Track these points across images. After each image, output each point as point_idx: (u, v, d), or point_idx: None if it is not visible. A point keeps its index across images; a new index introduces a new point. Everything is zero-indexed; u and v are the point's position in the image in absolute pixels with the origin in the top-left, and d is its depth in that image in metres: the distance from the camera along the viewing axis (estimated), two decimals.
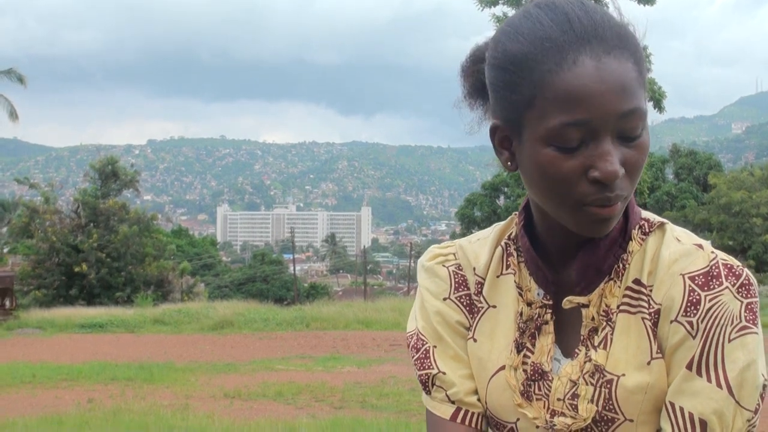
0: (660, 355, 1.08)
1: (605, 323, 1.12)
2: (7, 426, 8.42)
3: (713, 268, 1.06)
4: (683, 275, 1.07)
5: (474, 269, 1.23)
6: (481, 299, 1.22)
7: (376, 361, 14.70)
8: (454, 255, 1.26)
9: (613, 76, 1.00)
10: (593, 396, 1.10)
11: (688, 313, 1.06)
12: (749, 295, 1.05)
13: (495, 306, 1.20)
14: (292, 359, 15.51)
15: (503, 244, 1.22)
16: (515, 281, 1.19)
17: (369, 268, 76.63)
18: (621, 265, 1.12)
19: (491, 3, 26.95)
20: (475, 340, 1.21)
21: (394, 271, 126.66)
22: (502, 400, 1.17)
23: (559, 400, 1.13)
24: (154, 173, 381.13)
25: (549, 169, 1.03)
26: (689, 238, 1.12)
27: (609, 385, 1.09)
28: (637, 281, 1.11)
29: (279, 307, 26.95)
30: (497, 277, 1.21)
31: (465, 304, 1.23)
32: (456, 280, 1.24)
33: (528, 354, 1.16)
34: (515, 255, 1.20)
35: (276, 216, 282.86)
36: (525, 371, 1.15)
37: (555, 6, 1.04)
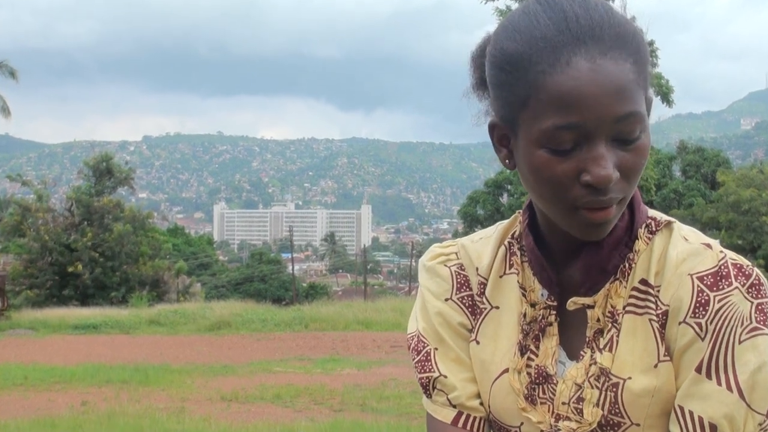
0: (668, 358, 1.08)
1: (611, 325, 1.11)
2: None
3: (722, 267, 1.06)
4: (691, 275, 1.06)
5: (477, 269, 1.22)
6: (484, 300, 1.21)
7: (376, 363, 14.70)
8: (456, 254, 1.25)
9: (608, 78, 0.99)
10: (599, 400, 1.09)
11: (696, 315, 1.05)
12: (760, 296, 1.05)
13: (498, 307, 1.20)
14: (290, 361, 15.51)
15: (507, 243, 1.22)
16: (518, 281, 1.19)
17: (369, 267, 76.65)
18: (627, 265, 1.12)
19: None
20: (478, 342, 1.20)
21: (394, 271, 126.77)
22: (505, 404, 1.17)
23: (564, 404, 1.12)
24: (149, 170, 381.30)
25: (542, 172, 1.03)
26: (697, 237, 1.11)
27: (615, 389, 1.08)
28: (644, 281, 1.11)
29: (277, 308, 26.93)
30: (500, 277, 1.21)
31: (467, 305, 1.22)
32: (458, 280, 1.23)
33: (532, 357, 1.16)
34: (519, 254, 1.20)
35: (274, 214, 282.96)
36: (529, 374, 1.15)
37: (555, 3, 1.03)
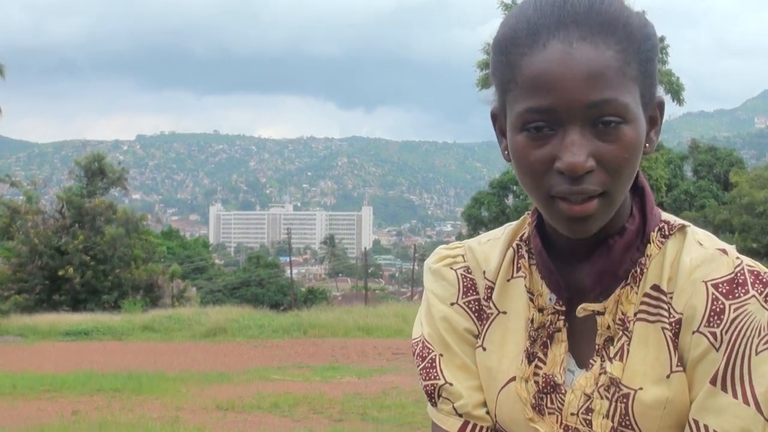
0: (681, 368, 1.07)
1: (621, 332, 1.11)
2: None
3: (738, 274, 1.05)
4: (706, 282, 1.06)
5: (484, 272, 1.22)
6: (491, 305, 1.21)
7: (377, 371, 14.69)
8: (462, 257, 1.25)
9: (583, 62, 0.99)
10: (608, 411, 1.09)
11: (711, 324, 1.05)
12: None
13: (505, 312, 1.20)
14: (288, 368, 15.50)
15: (515, 245, 1.22)
16: (526, 285, 1.18)
17: (370, 271, 76.60)
18: (638, 270, 1.11)
19: None
20: (484, 348, 1.20)
21: (396, 275, 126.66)
22: (512, 413, 1.16)
23: (573, 414, 1.12)
24: (143, 170, 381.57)
25: (520, 158, 1.05)
26: (712, 242, 1.11)
27: (625, 400, 1.08)
28: (656, 287, 1.10)
29: (275, 313, 26.95)
30: (507, 281, 1.21)
31: (474, 309, 1.22)
32: (464, 283, 1.23)
33: (540, 364, 1.15)
34: (526, 257, 1.20)
35: (272, 216, 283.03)
36: (536, 383, 1.15)
37: None
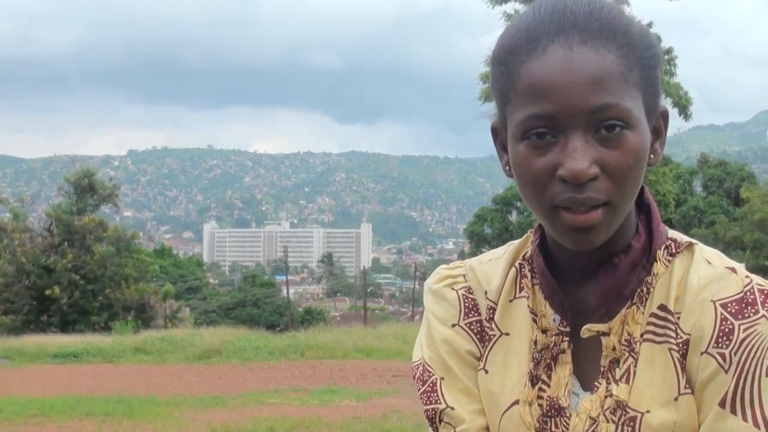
0: (689, 391, 1.08)
1: (627, 354, 1.11)
2: None
3: (748, 294, 1.06)
4: (714, 302, 1.06)
5: (485, 293, 1.22)
6: (493, 326, 1.21)
7: (377, 394, 14.66)
8: (463, 277, 1.25)
9: (584, 66, 1.00)
10: None
11: (719, 345, 1.05)
12: None
13: (508, 333, 1.20)
14: (285, 392, 15.47)
15: (517, 264, 1.22)
16: (529, 306, 1.19)
17: (369, 290, 76.52)
18: (645, 289, 1.11)
19: (502, 0, 27.05)
20: (487, 371, 1.20)
21: (397, 294, 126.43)
22: None
23: None
24: (134, 187, 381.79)
25: (521, 168, 1.05)
26: (721, 260, 1.11)
27: (632, 423, 1.08)
28: (663, 307, 1.10)
29: (271, 334, 26.93)
30: (510, 302, 1.21)
31: (475, 331, 1.22)
32: (466, 304, 1.23)
33: (544, 387, 1.15)
34: (529, 277, 1.20)
35: (268, 234, 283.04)
36: (540, 406, 1.15)
37: None
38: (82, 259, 37.16)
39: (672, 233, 1.15)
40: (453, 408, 1.19)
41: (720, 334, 1.05)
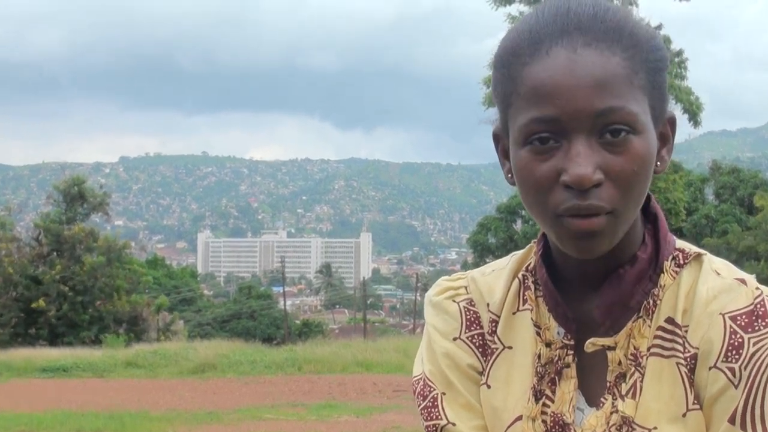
0: (697, 406, 1.08)
1: (634, 368, 1.11)
2: None
3: (758, 306, 1.06)
4: (723, 315, 1.06)
5: (488, 305, 1.22)
6: (496, 339, 1.21)
7: (377, 409, 14.66)
8: (465, 288, 1.25)
9: (589, 69, 1.01)
10: None
11: (729, 359, 1.05)
12: None
13: (511, 347, 1.20)
14: (282, 407, 15.46)
15: (521, 276, 1.22)
16: (532, 318, 1.19)
17: (369, 302, 76.54)
18: (651, 302, 1.11)
19: (506, 2, 27.11)
20: (489, 386, 1.20)
21: (397, 306, 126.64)
22: None
23: None
24: (126, 195, 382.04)
25: (523, 174, 1.05)
26: (730, 271, 1.11)
27: None
28: (670, 320, 1.10)
29: (268, 348, 26.95)
30: (513, 314, 1.21)
31: (477, 344, 1.22)
32: (468, 317, 1.23)
33: (548, 402, 1.15)
34: (533, 288, 1.20)
35: (264, 243, 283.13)
36: (544, 422, 1.15)
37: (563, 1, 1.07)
38: (71, 270, 37.18)
39: (680, 243, 1.16)
40: (454, 424, 1.19)
41: (729, 347, 1.05)
